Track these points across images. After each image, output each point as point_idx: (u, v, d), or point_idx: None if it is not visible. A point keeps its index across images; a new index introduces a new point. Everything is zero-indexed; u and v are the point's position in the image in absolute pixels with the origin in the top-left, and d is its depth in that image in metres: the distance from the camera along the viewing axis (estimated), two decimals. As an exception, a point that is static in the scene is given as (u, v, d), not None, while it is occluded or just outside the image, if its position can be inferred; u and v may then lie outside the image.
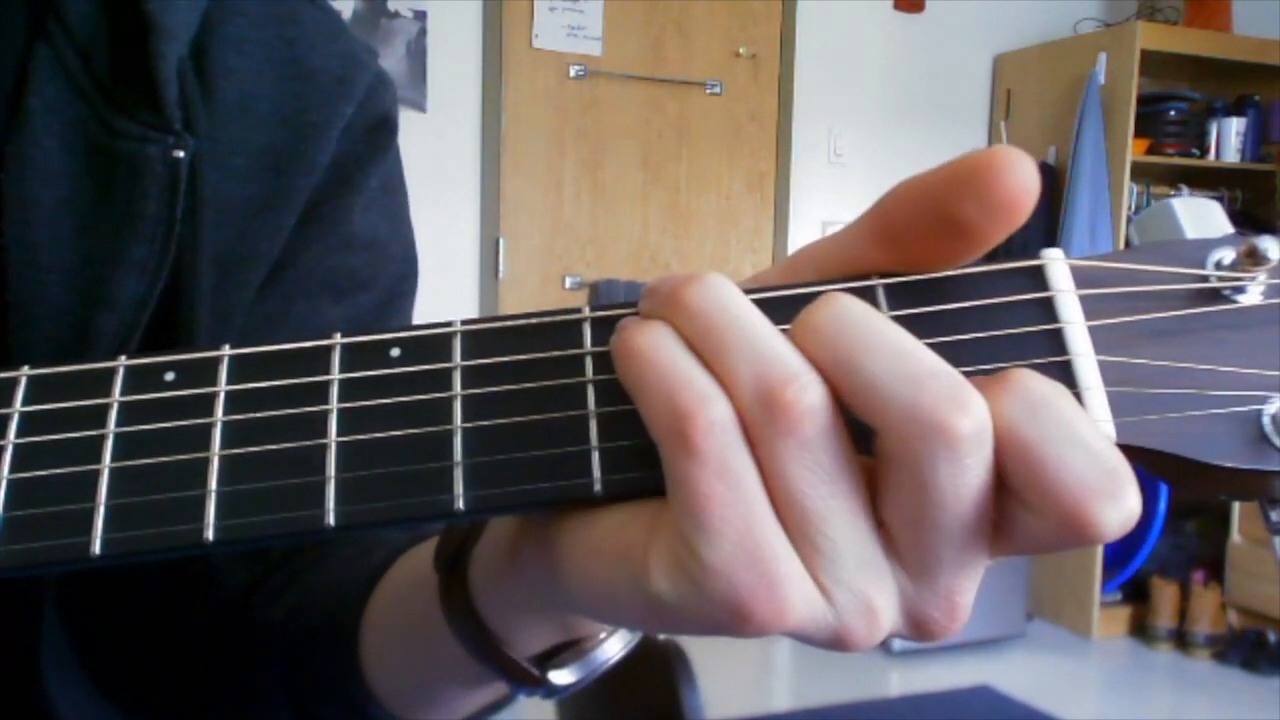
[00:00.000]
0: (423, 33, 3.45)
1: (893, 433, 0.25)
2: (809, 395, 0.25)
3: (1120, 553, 3.86)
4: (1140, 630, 3.91)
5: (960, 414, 0.25)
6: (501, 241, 3.61)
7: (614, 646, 0.38)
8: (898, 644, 3.58)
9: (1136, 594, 3.94)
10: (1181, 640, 3.80)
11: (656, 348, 0.27)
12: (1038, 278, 0.29)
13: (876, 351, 0.25)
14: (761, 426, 0.26)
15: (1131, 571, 3.87)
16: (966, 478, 0.25)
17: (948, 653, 3.63)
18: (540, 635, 0.37)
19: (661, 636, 1.12)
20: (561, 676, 0.37)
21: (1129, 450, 0.27)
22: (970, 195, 0.27)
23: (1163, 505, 3.73)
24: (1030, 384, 0.25)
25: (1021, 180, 0.26)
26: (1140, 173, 3.91)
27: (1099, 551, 3.84)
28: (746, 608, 0.25)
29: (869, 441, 0.26)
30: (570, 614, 0.36)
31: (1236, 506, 3.77)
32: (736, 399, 0.26)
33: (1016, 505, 0.26)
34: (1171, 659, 3.78)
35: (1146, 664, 3.76)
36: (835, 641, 0.27)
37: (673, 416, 0.26)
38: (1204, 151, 4.07)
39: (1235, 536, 3.81)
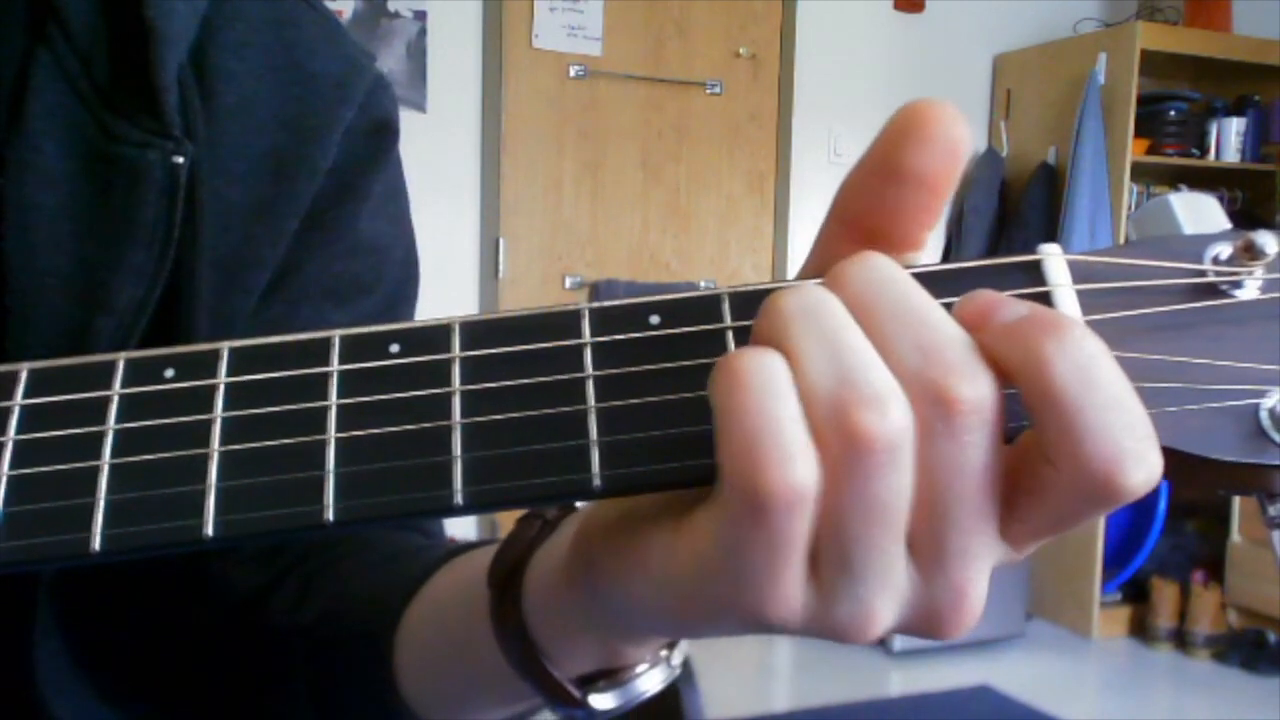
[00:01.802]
0: (423, 33, 3.45)
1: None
2: (891, 419, 0.25)
3: (1120, 553, 3.86)
4: (1140, 630, 3.90)
5: (963, 384, 0.25)
6: (501, 241, 3.61)
7: (655, 679, 0.38)
8: (898, 644, 3.58)
9: (1136, 594, 3.94)
10: (1181, 640, 3.80)
11: (755, 376, 0.25)
12: (1035, 273, 0.29)
13: (896, 314, 0.26)
14: (834, 455, 0.25)
15: (1131, 571, 3.86)
16: (970, 453, 0.25)
17: (948, 653, 3.62)
18: (585, 658, 0.37)
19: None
20: (602, 701, 0.38)
21: None
22: (915, 141, 0.28)
23: (1163, 505, 3.73)
24: (1083, 342, 0.25)
25: (951, 118, 0.28)
26: (1140, 173, 3.91)
27: (1099, 551, 3.84)
28: (760, 618, 0.27)
29: None
30: (616, 639, 0.36)
31: (1236, 507, 3.76)
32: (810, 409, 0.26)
33: (1046, 468, 0.25)
34: (1171, 659, 3.78)
35: (1146, 664, 3.76)
36: (830, 639, 0.27)
37: (750, 471, 0.25)
38: (1204, 151, 4.07)
39: (1235, 536, 3.81)
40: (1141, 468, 0.25)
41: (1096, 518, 0.26)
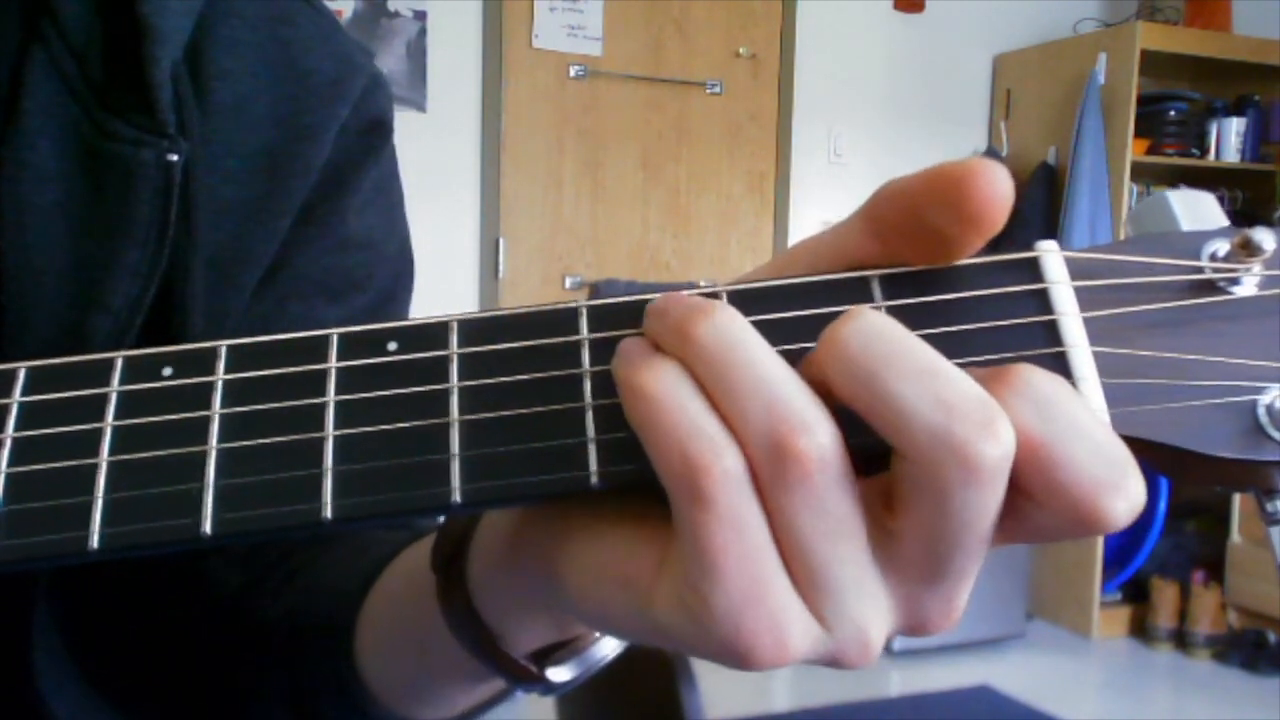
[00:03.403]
0: (423, 33, 3.45)
1: (918, 458, 0.25)
2: (818, 441, 0.25)
3: (1120, 553, 3.86)
4: (1140, 630, 3.91)
5: (989, 442, 0.24)
6: (501, 241, 3.62)
7: (611, 644, 0.38)
8: (898, 644, 3.58)
9: (1136, 594, 3.94)
10: (1181, 640, 3.80)
11: (667, 391, 0.26)
12: (1033, 269, 0.29)
13: (902, 371, 0.25)
14: (771, 473, 0.25)
15: (1131, 571, 3.86)
16: (989, 500, 0.25)
17: (948, 653, 3.63)
18: (538, 633, 0.37)
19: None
20: (559, 674, 0.37)
21: (1124, 441, 0.27)
22: (943, 207, 0.27)
23: (1163, 505, 3.73)
24: (1035, 381, 0.25)
25: (992, 194, 0.26)
26: (1140, 173, 3.91)
27: (1099, 551, 3.84)
28: (750, 650, 0.26)
29: (869, 450, 0.26)
30: (567, 614, 0.36)
31: (1236, 507, 3.77)
32: (745, 444, 0.26)
33: (1025, 500, 0.26)
34: (1171, 659, 3.78)
35: (1146, 664, 3.76)
36: (830, 663, 0.27)
37: (685, 466, 0.25)
38: (1204, 151, 4.08)
39: (1235, 536, 3.81)
40: (1121, 498, 0.25)
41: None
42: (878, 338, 0.25)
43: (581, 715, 1.18)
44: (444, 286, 3.52)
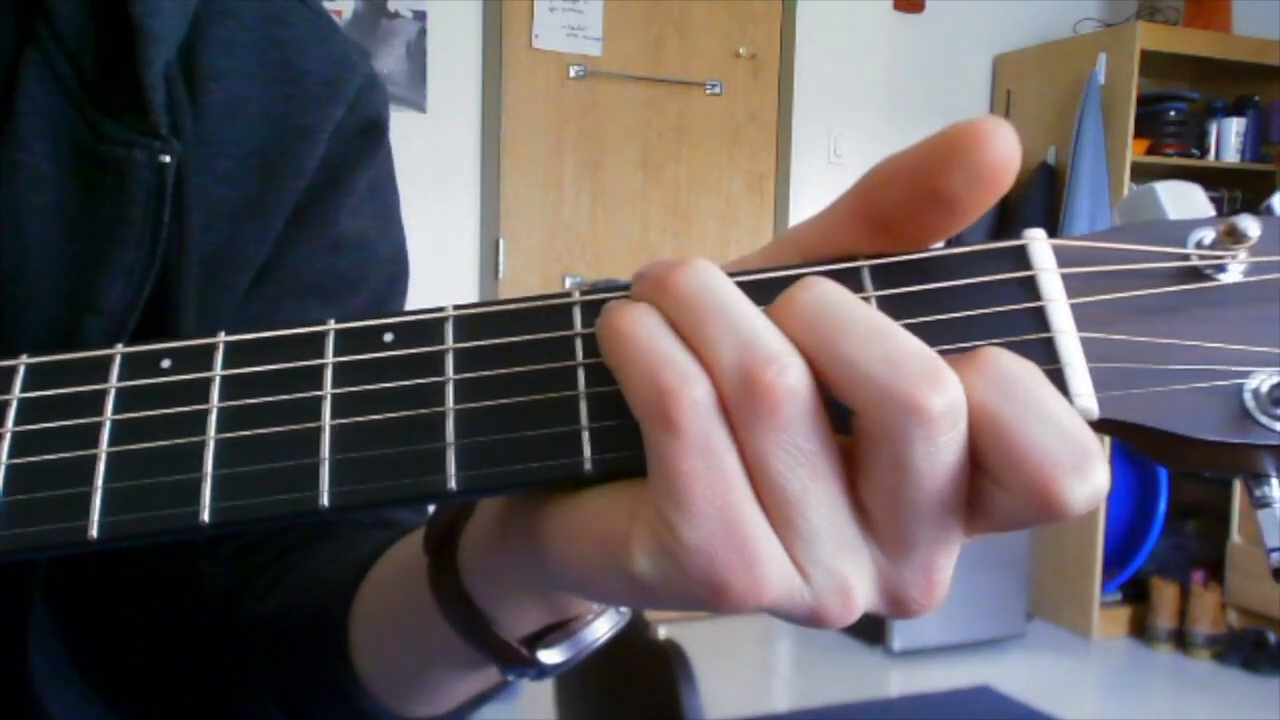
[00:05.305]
0: (423, 33, 3.45)
1: (869, 412, 0.26)
2: (790, 377, 0.26)
3: (1120, 553, 3.86)
4: (1140, 630, 3.90)
5: (934, 393, 0.25)
6: (501, 242, 3.62)
7: (603, 626, 0.38)
8: (898, 644, 3.58)
9: (1136, 594, 3.94)
10: (1181, 640, 3.80)
11: (639, 327, 0.27)
12: (1020, 257, 0.29)
13: (853, 333, 0.26)
14: (742, 408, 0.26)
15: (1131, 571, 3.87)
16: (941, 455, 0.25)
17: (948, 653, 3.63)
18: (529, 616, 0.37)
19: (661, 635, 1.13)
20: (551, 656, 0.38)
21: (1112, 425, 0.27)
22: (955, 167, 0.27)
23: (1163, 505, 3.73)
24: (1001, 361, 0.26)
25: (1004, 150, 0.27)
26: (1140, 173, 3.91)
27: (1099, 551, 3.84)
28: (725, 584, 0.26)
29: (847, 420, 0.27)
30: (557, 593, 0.36)
31: (1236, 507, 3.77)
32: (718, 380, 0.26)
33: (988, 481, 0.26)
34: (1171, 659, 3.78)
35: (1146, 664, 3.76)
36: (810, 619, 0.27)
37: (655, 395, 0.26)
38: (1204, 152, 4.08)
39: (1235, 537, 3.81)
40: (1081, 481, 0.25)
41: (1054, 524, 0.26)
42: (829, 303, 0.27)
43: (582, 715, 1.18)
44: (444, 287, 3.52)
